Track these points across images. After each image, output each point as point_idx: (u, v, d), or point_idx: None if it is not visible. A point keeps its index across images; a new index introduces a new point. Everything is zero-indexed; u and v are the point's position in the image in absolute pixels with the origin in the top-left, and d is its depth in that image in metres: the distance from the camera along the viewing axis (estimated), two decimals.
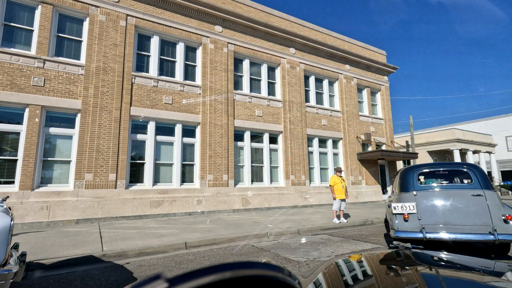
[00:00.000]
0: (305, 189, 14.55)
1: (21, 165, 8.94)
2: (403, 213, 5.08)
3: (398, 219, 5.14)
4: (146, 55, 11.87)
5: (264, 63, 14.93)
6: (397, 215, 5.17)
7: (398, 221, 5.11)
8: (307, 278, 1.25)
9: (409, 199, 5.20)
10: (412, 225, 4.97)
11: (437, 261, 1.37)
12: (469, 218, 4.77)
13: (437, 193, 5.16)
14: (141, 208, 10.46)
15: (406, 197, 5.29)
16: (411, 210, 5.03)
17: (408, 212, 5.03)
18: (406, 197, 5.28)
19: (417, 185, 5.40)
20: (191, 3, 12.58)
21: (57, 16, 10.31)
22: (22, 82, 9.31)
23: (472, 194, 4.97)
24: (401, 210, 5.10)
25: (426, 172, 5.67)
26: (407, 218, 5.02)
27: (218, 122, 12.71)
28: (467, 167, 5.39)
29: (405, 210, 5.06)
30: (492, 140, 32.06)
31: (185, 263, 5.01)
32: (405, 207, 5.09)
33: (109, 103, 10.51)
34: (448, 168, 5.69)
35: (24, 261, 3.03)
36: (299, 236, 7.44)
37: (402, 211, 5.09)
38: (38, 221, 8.82)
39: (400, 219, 5.11)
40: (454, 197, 4.99)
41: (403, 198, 5.30)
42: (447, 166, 5.74)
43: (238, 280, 0.43)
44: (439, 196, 5.08)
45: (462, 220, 4.79)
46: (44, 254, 5.24)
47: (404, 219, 5.04)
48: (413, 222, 4.99)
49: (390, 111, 19.78)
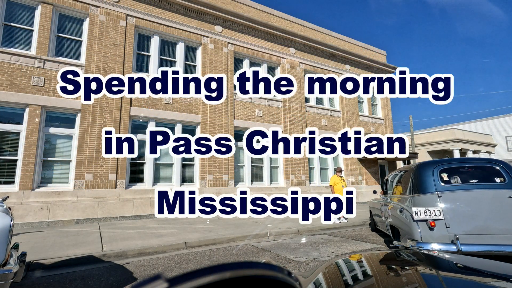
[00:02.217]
0: (305, 189, 14.55)
1: (21, 165, 8.94)
2: (427, 220, 4.12)
3: (420, 227, 4.15)
4: (146, 55, 11.87)
5: (264, 63, 14.92)
6: (419, 222, 4.18)
7: (421, 230, 4.13)
8: (307, 278, 1.24)
9: (430, 202, 4.26)
10: (440, 234, 4.05)
11: (437, 261, 1.37)
12: (510, 224, 3.98)
13: (467, 194, 4.26)
14: (141, 208, 10.46)
15: (426, 199, 4.34)
16: (437, 216, 4.11)
17: (434, 218, 4.11)
18: (426, 199, 4.33)
19: (440, 185, 4.43)
20: (191, 3, 12.57)
21: (57, 16, 10.31)
22: (22, 82, 9.31)
23: (509, 195, 4.15)
24: (424, 215, 4.14)
25: (448, 169, 4.69)
26: (433, 225, 4.08)
27: (218, 122, 12.71)
28: (498, 164, 4.57)
29: (430, 216, 4.12)
30: (492, 140, 32.06)
31: (185, 263, 5.00)
32: (429, 212, 4.14)
33: (109, 103, 10.51)
34: (474, 164, 4.78)
35: (24, 261, 3.03)
36: (299, 236, 7.44)
37: (426, 217, 4.13)
38: (38, 221, 8.82)
39: (424, 227, 4.14)
40: (488, 199, 4.20)
41: (421, 201, 4.36)
42: (473, 162, 4.88)
43: (238, 280, 0.43)
44: (470, 198, 4.22)
45: (502, 227, 3.97)
46: (44, 254, 5.24)
47: (430, 226, 4.09)
48: (440, 231, 4.06)
49: (390, 111, 19.78)
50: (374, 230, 7.75)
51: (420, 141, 27.18)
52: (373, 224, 7.74)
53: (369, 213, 8.27)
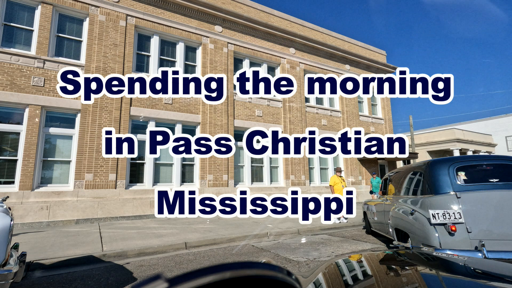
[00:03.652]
0: (305, 189, 14.55)
1: (21, 165, 8.94)
2: (445, 223, 3.67)
3: (439, 231, 3.70)
4: (146, 55, 11.87)
5: (264, 63, 14.93)
6: (437, 227, 3.72)
7: (440, 235, 3.68)
8: (307, 278, 1.24)
9: (448, 203, 3.81)
10: (461, 239, 3.62)
11: (437, 261, 1.37)
12: None
13: (490, 195, 3.82)
14: (141, 208, 10.46)
15: (442, 201, 3.88)
16: (457, 219, 3.66)
17: (454, 222, 3.67)
18: (443, 201, 3.87)
19: (457, 184, 3.98)
20: (191, 3, 12.58)
21: (57, 16, 10.31)
22: (22, 82, 9.31)
23: None
24: (443, 219, 3.68)
25: (465, 166, 4.19)
26: (454, 230, 3.63)
27: (218, 122, 12.71)
28: None
29: (449, 219, 3.66)
30: (492, 140, 32.07)
31: (185, 263, 5.00)
32: (448, 214, 3.68)
33: (109, 103, 10.51)
34: (493, 162, 4.27)
35: (24, 261, 3.02)
36: (299, 236, 7.44)
37: (445, 220, 3.67)
38: (38, 221, 8.82)
39: (443, 231, 3.68)
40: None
41: (437, 202, 3.90)
42: (492, 159, 4.39)
43: (238, 280, 0.43)
44: (493, 199, 3.79)
45: None
46: (44, 254, 5.24)
47: (450, 231, 3.64)
48: (461, 236, 3.63)
49: (390, 111, 19.78)
50: (370, 233, 7.38)
51: (420, 141, 27.19)
52: (368, 226, 7.37)
53: (363, 215, 7.92)
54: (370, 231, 7.31)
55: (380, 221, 6.07)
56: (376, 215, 6.43)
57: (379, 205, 6.19)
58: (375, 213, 6.47)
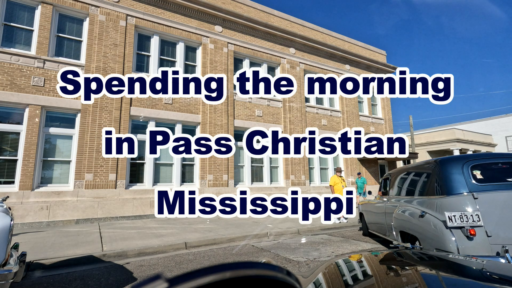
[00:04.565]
0: (305, 189, 14.55)
1: (21, 165, 8.94)
2: (463, 226, 3.34)
3: (456, 235, 3.37)
4: (146, 55, 11.87)
5: (264, 63, 14.93)
6: (454, 230, 3.39)
7: (457, 239, 3.36)
8: (307, 278, 1.25)
9: (464, 205, 3.50)
10: (480, 244, 3.31)
11: (437, 261, 1.37)
12: None
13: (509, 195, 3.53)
14: (141, 208, 10.46)
15: (457, 202, 3.56)
16: (476, 222, 3.36)
17: (472, 225, 3.36)
18: (458, 202, 3.56)
19: (474, 184, 3.66)
20: (191, 3, 12.58)
21: (57, 16, 10.31)
22: (22, 82, 9.31)
23: None
24: (460, 222, 3.34)
25: (480, 165, 3.90)
26: (473, 234, 3.31)
27: (218, 122, 12.71)
28: None
29: (467, 222, 3.34)
30: (492, 140, 32.07)
31: (185, 263, 5.00)
32: (465, 217, 3.35)
33: (109, 103, 10.51)
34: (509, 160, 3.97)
35: (24, 261, 3.02)
36: (299, 236, 7.44)
37: (463, 223, 3.33)
38: (38, 221, 8.82)
39: (460, 235, 3.36)
40: None
41: (452, 203, 3.59)
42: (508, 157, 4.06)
43: (238, 280, 0.43)
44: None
45: None
46: (44, 254, 5.24)
47: (469, 235, 3.32)
48: (480, 240, 3.33)
49: (390, 111, 19.78)
50: (367, 235, 7.06)
51: (420, 141, 27.19)
52: (366, 228, 7.00)
53: (359, 216, 7.60)
54: (367, 233, 7.01)
55: (380, 223, 5.80)
56: (375, 217, 6.16)
57: (379, 206, 5.90)
58: (374, 214, 6.19)
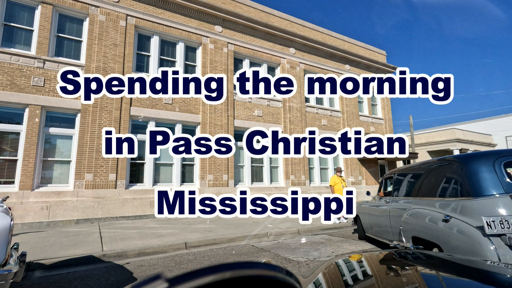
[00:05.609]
0: (305, 189, 14.55)
1: (21, 165, 8.94)
2: (504, 234, 2.86)
3: (496, 243, 2.88)
4: (146, 55, 11.87)
5: (264, 63, 14.93)
6: (492, 238, 2.91)
7: (498, 247, 2.86)
8: (307, 278, 1.25)
9: (499, 208, 3.03)
10: None
11: (437, 261, 1.37)
12: None
13: None
14: (141, 208, 10.46)
15: (491, 205, 3.09)
16: None
17: None
18: (493, 204, 3.09)
19: (509, 183, 3.18)
20: (191, 3, 12.58)
21: (57, 16, 10.31)
22: (22, 82, 9.31)
23: None
24: (501, 228, 2.88)
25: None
26: None
27: (218, 122, 12.71)
28: None
29: (508, 229, 2.88)
30: (492, 140, 32.07)
31: (185, 263, 5.00)
32: (507, 222, 2.89)
33: (109, 103, 10.51)
34: None
35: (24, 261, 3.02)
36: (299, 236, 7.44)
37: (503, 230, 2.87)
38: (38, 221, 8.81)
39: (500, 244, 2.87)
40: None
41: (486, 207, 3.10)
42: None
43: (238, 280, 0.43)
44: None
45: None
46: (44, 254, 5.24)
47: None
48: None
49: (390, 111, 19.78)
50: (363, 239, 6.65)
51: (420, 141, 27.18)
52: (362, 231, 6.62)
53: (356, 219, 7.15)
54: (363, 237, 6.60)
55: (381, 226, 5.37)
56: (375, 219, 5.76)
57: (381, 208, 5.46)
58: (374, 217, 5.80)
